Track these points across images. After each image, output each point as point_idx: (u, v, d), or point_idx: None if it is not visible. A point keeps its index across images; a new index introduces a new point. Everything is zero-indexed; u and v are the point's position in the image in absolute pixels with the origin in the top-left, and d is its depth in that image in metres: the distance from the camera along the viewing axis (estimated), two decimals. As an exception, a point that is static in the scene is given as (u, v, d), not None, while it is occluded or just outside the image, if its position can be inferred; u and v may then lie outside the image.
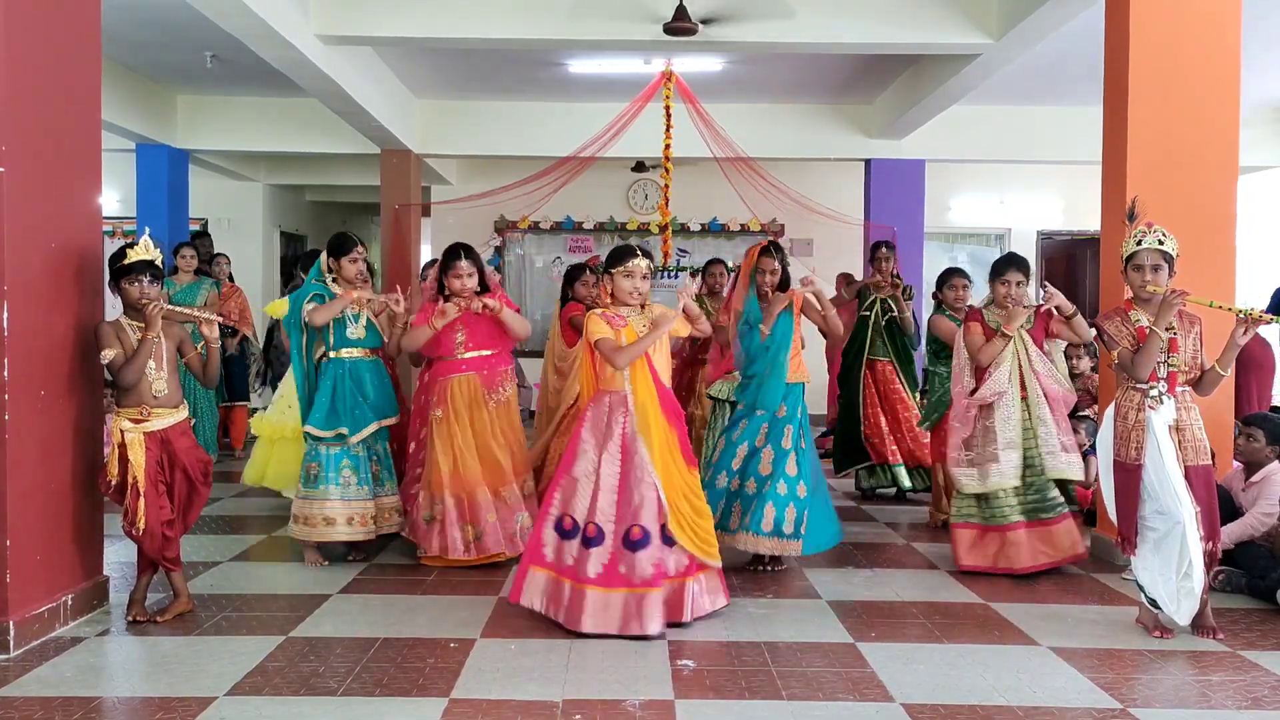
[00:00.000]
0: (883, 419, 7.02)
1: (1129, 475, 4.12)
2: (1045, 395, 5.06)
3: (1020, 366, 5.10)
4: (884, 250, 7.15)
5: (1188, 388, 4.15)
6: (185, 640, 4.00)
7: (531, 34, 7.20)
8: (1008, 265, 5.23)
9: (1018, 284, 5.16)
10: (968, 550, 5.16)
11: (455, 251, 5.15)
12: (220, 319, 4.51)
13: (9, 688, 3.48)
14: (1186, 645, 4.04)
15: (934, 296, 6.41)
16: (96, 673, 3.68)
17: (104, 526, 4.49)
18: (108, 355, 4.11)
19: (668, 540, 4.13)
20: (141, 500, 4.12)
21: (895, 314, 7.04)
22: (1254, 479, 5.01)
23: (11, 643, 3.79)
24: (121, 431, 4.14)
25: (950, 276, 6.29)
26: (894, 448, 6.99)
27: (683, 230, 12.51)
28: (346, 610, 4.44)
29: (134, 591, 4.30)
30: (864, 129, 10.50)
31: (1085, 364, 7.26)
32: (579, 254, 12.49)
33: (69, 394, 4.20)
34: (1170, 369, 4.08)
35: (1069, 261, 13.32)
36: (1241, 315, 4.03)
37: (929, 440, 6.56)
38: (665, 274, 11.62)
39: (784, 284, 5.19)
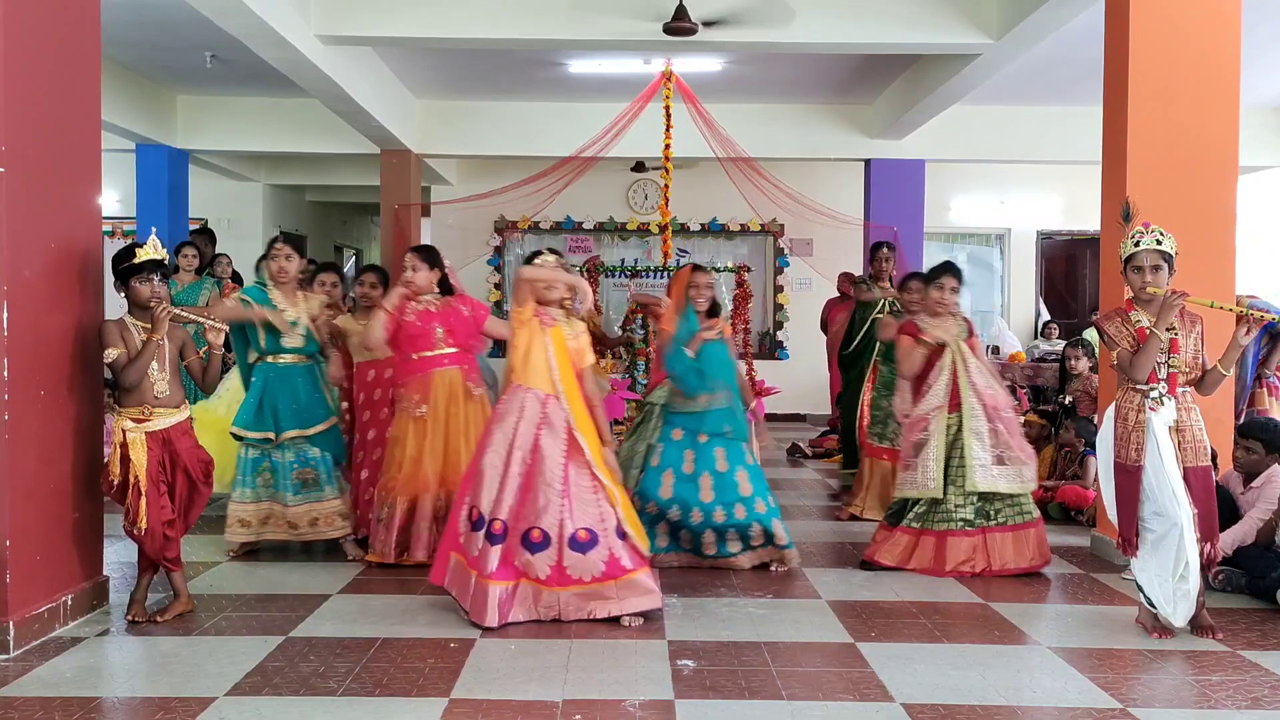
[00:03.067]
0: None
1: (1130, 477, 4.10)
2: (984, 408, 5.01)
3: (956, 379, 5.07)
4: (884, 251, 7.09)
5: (1189, 388, 4.14)
6: (185, 640, 4.00)
7: (531, 34, 7.21)
8: (943, 270, 5.26)
9: (951, 290, 5.17)
10: (882, 548, 5.14)
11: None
12: (224, 326, 4.50)
13: (9, 688, 3.48)
14: (1186, 645, 4.04)
15: None
16: (96, 673, 3.68)
17: (104, 526, 4.49)
18: (111, 354, 4.11)
19: (620, 534, 4.20)
20: (143, 500, 4.12)
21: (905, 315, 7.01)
22: (1254, 484, 4.97)
23: (11, 643, 3.79)
24: (123, 431, 4.14)
25: (938, 275, 6.19)
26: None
27: (683, 230, 12.51)
28: (346, 610, 4.43)
29: (134, 591, 4.30)
30: (864, 129, 10.51)
31: (1084, 365, 7.23)
32: (579, 254, 12.47)
33: (69, 394, 4.20)
34: (1171, 370, 4.06)
35: (1069, 261, 13.32)
36: (1244, 314, 4.02)
37: None
38: (665, 274, 11.62)
39: (713, 310, 5.21)
